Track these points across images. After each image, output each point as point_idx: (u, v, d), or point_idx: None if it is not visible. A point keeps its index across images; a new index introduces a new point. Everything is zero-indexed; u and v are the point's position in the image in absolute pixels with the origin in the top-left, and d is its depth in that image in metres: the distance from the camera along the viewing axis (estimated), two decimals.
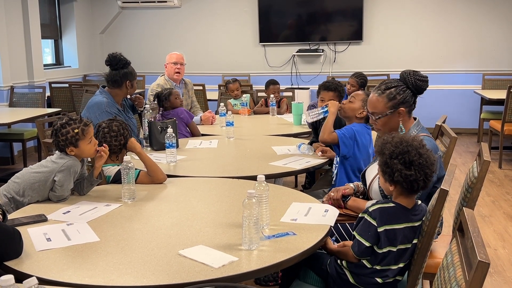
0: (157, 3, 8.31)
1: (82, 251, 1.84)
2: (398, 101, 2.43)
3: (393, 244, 1.94)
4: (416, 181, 1.91)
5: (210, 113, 4.67)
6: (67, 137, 2.40)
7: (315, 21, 8.07)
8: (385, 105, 2.45)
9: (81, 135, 2.42)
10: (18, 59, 6.74)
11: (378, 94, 2.48)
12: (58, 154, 2.46)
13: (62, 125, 2.42)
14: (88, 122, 2.48)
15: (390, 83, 2.48)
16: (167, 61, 4.81)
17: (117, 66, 3.62)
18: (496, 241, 3.85)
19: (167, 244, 1.89)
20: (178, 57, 4.81)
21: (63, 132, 2.41)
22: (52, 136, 2.48)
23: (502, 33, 7.58)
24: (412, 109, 2.49)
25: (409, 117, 2.49)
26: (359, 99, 3.06)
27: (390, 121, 2.47)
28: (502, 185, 5.25)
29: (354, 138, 2.98)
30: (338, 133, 3.00)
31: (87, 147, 2.45)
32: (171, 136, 3.14)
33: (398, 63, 7.89)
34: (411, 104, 2.46)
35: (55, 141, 2.44)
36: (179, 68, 4.75)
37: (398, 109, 2.43)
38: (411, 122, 2.49)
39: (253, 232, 1.82)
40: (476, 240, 1.37)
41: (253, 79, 7.93)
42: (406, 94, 2.44)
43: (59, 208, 2.30)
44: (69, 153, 2.43)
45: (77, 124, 2.43)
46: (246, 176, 2.78)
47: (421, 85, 2.44)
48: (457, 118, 7.63)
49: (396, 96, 2.43)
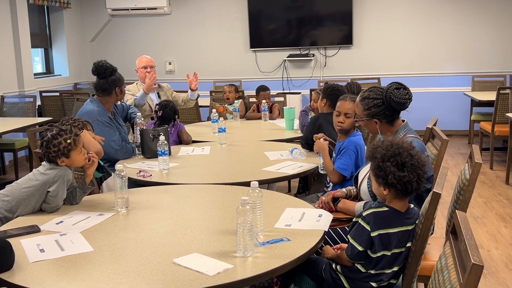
0: (147, 10, 8.30)
1: (76, 262, 1.83)
2: (372, 112, 2.51)
3: (388, 248, 1.95)
4: (410, 182, 1.93)
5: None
6: (59, 148, 2.37)
7: (305, 26, 8.10)
8: (361, 112, 2.56)
9: (73, 145, 2.40)
10: (8, 68, 6.71)
11: (359, 99, 2.57)
12: (46, 165, 2.41)
13: (54, 136, 2.39)
14: (78, 132, 2.46)
15: (372, 92, 2.53)
16: (137, 66, 4.86)
17: (105, 74, 3.61)
18: (489, 242, 3.87)
19: (162, 253, 1.88)
20: (147, 61, 4.85)
21: (55, 143, 2.37)
22: (41, 148, 2.42)
23: (490, 35, 7.64)
24: (391, 120, 2.51)
25: (391, 125, 2.53)
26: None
27: (369, 125, 2.58)
28: (494, 186, 5.29)
29: (355, 155, 2.98)
30: (336, 168, 2.99)
31: (78, 156, 2.43)
32: (163, 144, 3.13)
33: (388, 67, 7.93)
34: (389, 117, 2.49)
35: (46, 153, 2.39)
36: (149, 71, 4.77)
37: (372, 119, 2.49)
38: (396, 126, 2.53)
39: (247, 239, 1.82)
40: (470, 242, 1.38)
41: (245, 85, 7.94)
42: (381, 109, 2.49)
43: (52, 219, 2.29)
44: (60, 163, 2.40)
45: (68, 135, 2.40)
46: (239, 182, 2.78)
47: (395, 107, 2.46)
48: (447, 120, 7.68)
49: (371, 108, 2.50)
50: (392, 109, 2.48)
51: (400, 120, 2.56)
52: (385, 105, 2.47)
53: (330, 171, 3.03)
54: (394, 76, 7.73)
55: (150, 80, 4.48)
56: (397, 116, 2.53)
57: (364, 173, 2.49)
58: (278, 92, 7.74)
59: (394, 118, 2.52)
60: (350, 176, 2.96)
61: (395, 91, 2.45)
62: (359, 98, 2.56)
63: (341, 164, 2.98)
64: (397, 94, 2.44)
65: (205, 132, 4.47)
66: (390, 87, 2.47)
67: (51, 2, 7.58)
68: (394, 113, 2.50)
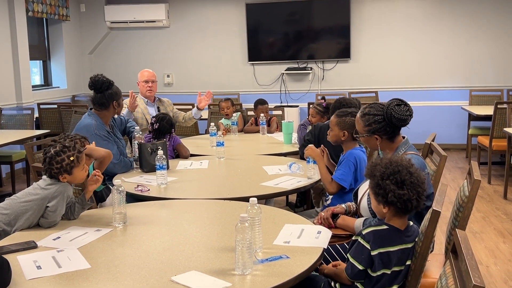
0: (146, 23, 8.34)
1: (73, 279, 1.82)
2: (373, 129, 2.50)
3: (388, 266, 1.93)
4: (410, 200, 1.92)
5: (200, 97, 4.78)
6: (62, 165, 2.37)
7: (303, 39, 8.14)
8: (362, 128, 2.56)
9: (76, 163, 2.39)
10: (6, 80, 6.71)
11: (359, 115, 2.57)
12: (47, 180, 2.40)
13: (57, 153, 2.37)
14: (81, 149, 2.45)
15: (372, 108, 2.53)
16: (138, 80, 4.84)
17: (101, 88, 3.61)
18: (488, 258, 3.85)
19: (159, 270, 1.87)
20: (149, 75, 4.82)
21: (58, 160, 2.36)
22: (44, 164, 2.41)
23: (487, 50, 7.69)
24: (392, 137, 2.51)
25: (391, 141, 2.52)
26: (334, 125, 3.07)
27: (369, 142, 2.57)
28: (492, 201, 5.28)
29: (354, 168, 2.96)
30: (335, 178, 2.97)
31: (80, 173, 2.43)
32: (162, 158, 3.12)
33: (386, 81, 7.96)
34: (389, 133, 2.49)
35: (48, 169, 2.38)
36: (150, 86, 4.77)
37: (373, 135, 2.49)
38: (397, 143, 2.53)
39: (246, 256, 1.80)
40: (470, 263, 1.37)
41: (243, 98, 7.95)
42: (381, 126, 2.49)
43: (49, 234, 2.27)
44: (62, 180, 2.39)
45: (71, 152, 2.39)
46: (237, 198, 2.77)
47: (396, 123, 2.46)
48: (445, 134, 7.69)
49: (372, 124, 2.50)
50: (393, 126, 2.48)
51: (400, 136, 2.56)
52: (385, 121, 2.47)
53: (326, 181, 2.98)
54: (392, 90, 7.76)
55: (133, 100, 4.43)
56: (397, 132, 2.53)
57: (364, 189, 2.48)
58: (276, 105, 7.76)
59: (394, 134, 2.52)
60: (349, 188, 2.95)
61: (396, 108, 2.45)
62: (360, 114, 2.56)
63: (340, 175, 2.96)
64: (398, 111, 2.44)
65: (203, 146, 4.45)
66: (391, 103, 2.47)
67: (50, 14, 7.61)
68: (395, 129, 2.50)
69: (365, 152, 3.09)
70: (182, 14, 8.40)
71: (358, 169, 2.98)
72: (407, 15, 7.83)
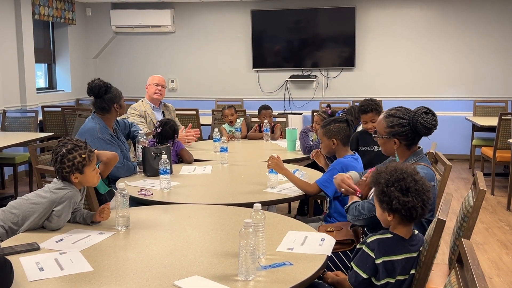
0: (151, 28, 8.37)
1: (75, 282, 1.81)
2: (394, 131, 2.45)
3: (392, 275, 1.92)
4: (414, 207, 1.91)
5: (186, 135, 4.60)
6: (74, 163, 2.35)
7: (308, 47, 8.15)
8: (384, 129, 2.50)
9: (88, 161, 2.38)
10: (11, 82, 6.73)
11: (384, 116, 2.52)
12: (58, 183, 2.39)
13: (69, 151, 2.37)
14: (92, 149, 2.44)
15: (399, 111, 2.49)
16: (148, 82, 4.88)
17: (99, 93, 3.60)
18: (491, 269, 3.83)
19: (162, 275, 1.86)
20: (160, 79, 4.90)
21: (69, 157, 2.35)
22: (55, 163, 2.39)
23: (492, 60, 7.69)
24: (410, 144, 2.48)
25: (408, 149, 2.48)
26: (322, 137, 3.09)
27: (386, 144, 2.52)
28: (495, 212, 5.26)
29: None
30: (318, 182, 2.99)
31: (92, 174, 2.41)
32: (165, 163, 3.12)
33: (390, 90, 7.97)
34: (409, 140, 2.46)
35: (59, 168, 2.37)
36: (160, 90, 4.82)
37: (393, 138, 2.45)
38: (411, 152, 2.49)
39: (249, 262, 1.79)
40: (477, 272, 1.36)
41: (246, 104, 7.96)
42: (404, 130, 2.44)
43: (51, 236, 2.26)
44: (73, 180, 2.38)
45: (83, 150, 2.39)
46: (241, 203, 2.76)
47: (421, 130, 2.42)
48: (448, 144, 7.68)
49: (394, 127, 2.45)
50: (415, 133, 2.44)
51: (416, 146, 2.52)
52: (410, 126, 2.43)
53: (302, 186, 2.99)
54: (396, 99, 7.76)
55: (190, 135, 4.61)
56: (417, 141, 2.48)
57: None
58: (279, 112, 7.76)
59: (414, 142, 2.47)
60: (333, 196, 2.95)
61: (423, 115, 2.41)
62: (384, 115, 2.51)
63: (323, 181, 2.96)
64: (425, 118, 2.41)
65: (207, 151, 4.46)
66: (419, 110, 2.44)
67: (56, 18, 7.64)
68: (416, 137, 2.46)
69: (357, 159, 3.07)
70: (188, 20, 8.42)
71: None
72: (412, 24, 7.84)
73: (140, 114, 4.64)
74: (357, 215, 2.33)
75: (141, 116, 4.63)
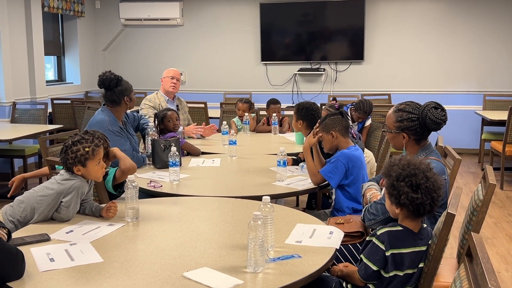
0: (160, 21, 8.37)
1: (85, 272, 1.83)
2: (403, 126, 2.45)
3: (400, 268, 1.92)
4: (423, 204, 1.91)
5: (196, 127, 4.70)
6: (77, 155, 2.37)
7: (317, 40, 8.12)
8: (393, 123, 2.50)
9: (91, 155, 2.39)
10: (21, 75, 6.76)
11: (393, 110, 2.52)
12: (64, 174, 2.41)
13: (74, 143, 2.39)
14: (99, 143, 2.45)
15: (408, 106, 2.48)
16: (164, 75, 4.90)
17: (110, 86, 3.61)
18: (499, 264, 3.82)
19: (171, 266, 1.87)
20: (176, 73, 4.92)
21: (73, 149, 2.37)
22: (61, 153, 2.43)
23: (502, 54, 7.62)
24: (419, 139, 2.47)
25: (417, 143, 2.48)
26: (321, 132, 3.06)
27: (395, 139, 2.52)
28: (504, 207, 5.24)
29: (345, 168, 2.94)
30: (322, 172, 2.99)
31: (95, 168, 2.42)
32: (175, 155, 3.13)
33: (399, 83, 7.92)
34: (418, 134, 2.46)
35: (64, 159, 2.40)
36: (175, 83, 4.85)
37: (402, 133, 2.45)
38: (420, 146, 2.49)
39: (258, 254, 1.80)
40: (486, 266, 1.36)
41: (255, 97, 7.95)
42: (413, 125, 2.43)
43: (62, 227, 2.28)
44: (76, 172, 2.39)
45: (88, 143, 2.40)
46: (249, 196, 2.77)
47: (430, 125, 2.42)
48: (458, 138, 7.63)
49: (404, 121, 2.45)
50: (425, 127, 2.43)
51: (425, 141, 2.52)
52: (419, 121, 2.43)
53: (311, 172, 3.02)
54: (405, 92, 7.72)
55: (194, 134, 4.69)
56: (426, 135, 2.48)
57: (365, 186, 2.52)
58: (288, 105, 7.75)
59: (423, 137, 2.47)
60: (336, 186, 2.97)
61: (432, 110, 2.41)
62: (393, 109, 2.51)
63: (328, 172, 2.96)
64: (434, 113, 2.40)
65: (215, 144, 4.47)
66: (429, 105, 2.44)
67: (65, 10, 7.66)
68: (425, 132, 2.45)
69: (358, 149, 3.06)
70: (196, 13, 8.41)
71: (351, 167, 2.96)
72: (421, 17, 7.78)
73: (154, 106, 4.66)
74: (373, 219, 2.32)
75: (155, 108, 4.64)
